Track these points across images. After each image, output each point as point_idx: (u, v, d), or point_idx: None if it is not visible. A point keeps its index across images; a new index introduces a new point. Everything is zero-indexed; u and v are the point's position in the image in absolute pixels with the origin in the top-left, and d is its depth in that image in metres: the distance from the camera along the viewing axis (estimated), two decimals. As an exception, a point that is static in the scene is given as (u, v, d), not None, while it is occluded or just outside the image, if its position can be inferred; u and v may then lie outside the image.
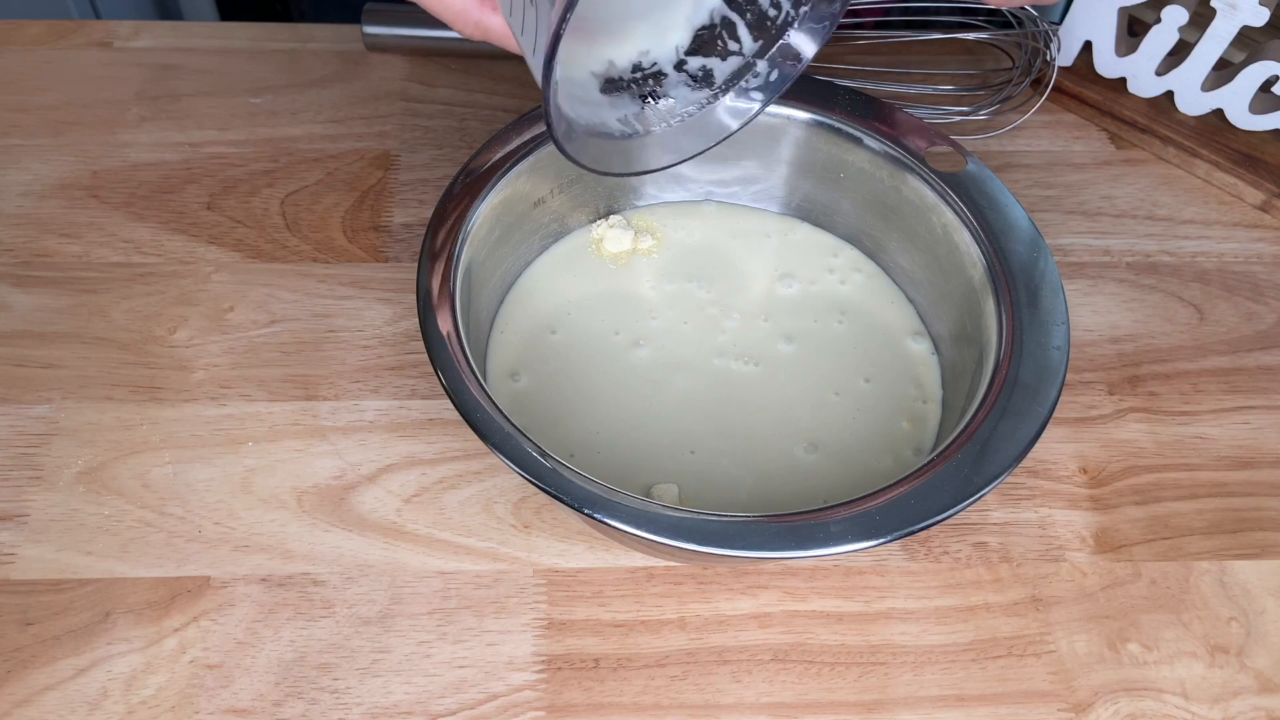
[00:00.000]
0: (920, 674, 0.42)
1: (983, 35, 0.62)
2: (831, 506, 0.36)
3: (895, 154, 0.47)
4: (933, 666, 0.42)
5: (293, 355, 0.50)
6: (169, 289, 0.52)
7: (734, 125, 0.39)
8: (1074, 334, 0.53)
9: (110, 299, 0.52)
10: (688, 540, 0.35)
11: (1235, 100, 0.58)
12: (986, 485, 0.37)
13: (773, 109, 0.48)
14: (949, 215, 0.46)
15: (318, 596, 0.43)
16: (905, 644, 0.43)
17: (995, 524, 0.46)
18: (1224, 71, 0.58)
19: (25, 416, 0.47)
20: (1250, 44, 0.58)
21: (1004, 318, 0.42)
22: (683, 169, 0.52)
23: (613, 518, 0.35)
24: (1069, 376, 0.51)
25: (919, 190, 0.47)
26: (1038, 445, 0.48)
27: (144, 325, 0.51)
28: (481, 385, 0.39)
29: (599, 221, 0.52)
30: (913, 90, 0.62)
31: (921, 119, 0.48)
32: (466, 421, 0.37)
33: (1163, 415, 0.50)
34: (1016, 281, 0.43)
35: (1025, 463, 0.47)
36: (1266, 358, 0.53)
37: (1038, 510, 0.47)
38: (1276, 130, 0.59)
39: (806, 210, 0.53)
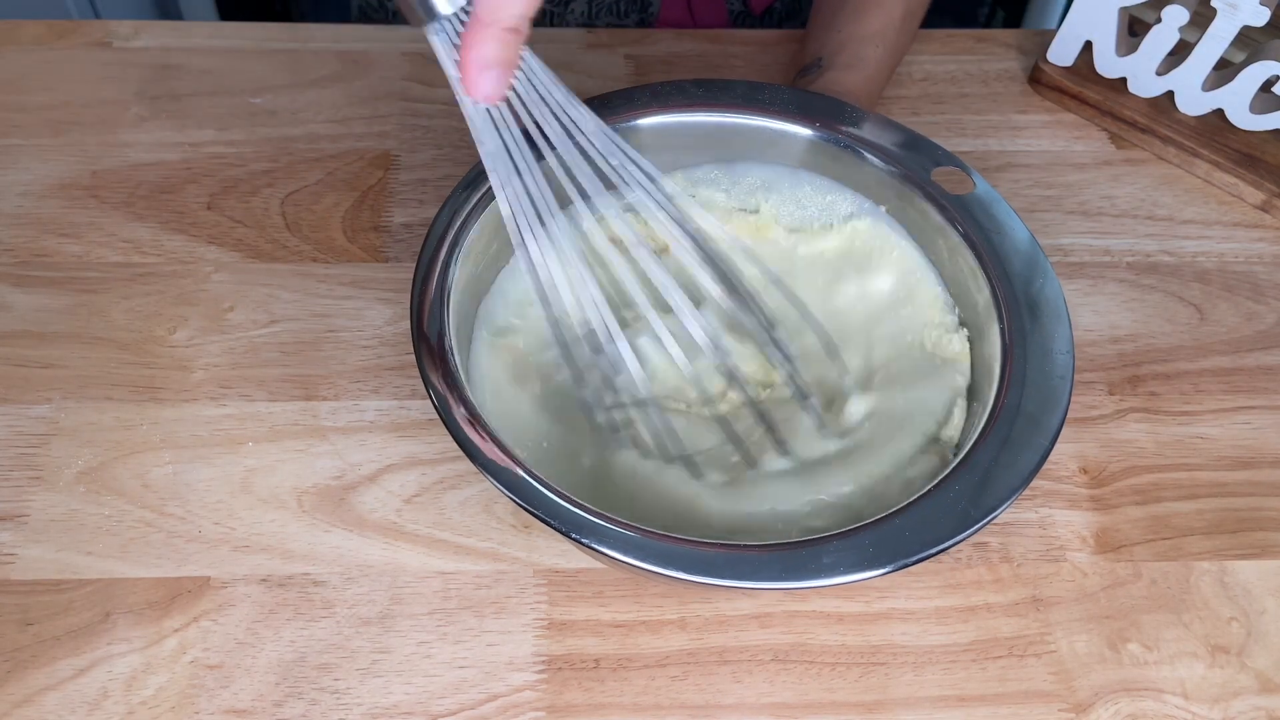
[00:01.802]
0: (920, 674, 0.42)
1: None
2: (825, 537, 0.36)
3: (903, 174, 0.47)
4: (933, 666, 0.42)
5: (293, 355, 0.50)
6: (169, 289, 0.52)
7: None
8: (1074, 334, 0.53)
9: (110, 299, 0.52)
10: (678, 569, 0.35)
11: (1236, 100, 0.58)
12: (985, 517, 0.36)
13: (780, 125, 0.48)
14: (954, 237, 0.45)
15: (318, 597, 0.43)
16: (905, 644, 0.43)
17: (995, 524, 0.46)
18: (1224, 71, 0.58)
19: (25, 416, 0.47)
20: (1250, 44, 0.58)
21: (1008, 344, 0.41)
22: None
23: (602, 544, 0.35)
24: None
25: (926, 211, 0.47)
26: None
27: (144, 325, 0.51)
28: (475, 411, 0.38)
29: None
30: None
31: (929, 138, 0.48)
32: (461, 448, 0.37)
33: (1163, 415, 0.50)
34: (1020, 307, 0.42)
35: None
36: (1267, 358, 0.53)
37: (1038, 510, 0.47)
38: (1277, 130, 0.58)
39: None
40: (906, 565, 0.35)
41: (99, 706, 0.40)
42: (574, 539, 0.35)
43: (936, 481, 0.38)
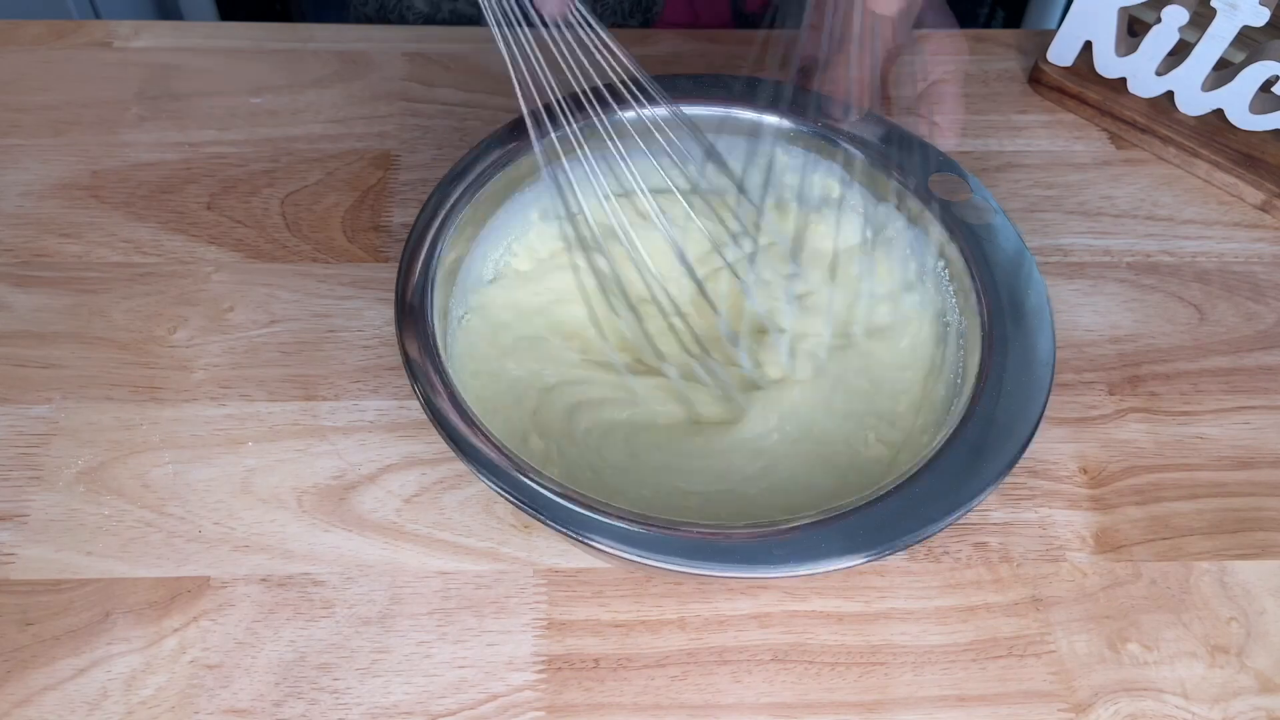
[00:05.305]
0: (920, 674, 0.42)
1: None
2: (781, 529, 0.36)
3: (898, 178, 0.47)
4: (933, 667, 0.42)
5: (293, 355, 0.50)
6: (169, 289, 0.52)
7: None
8: (1074, 334, 0.53)
9: (110, 299, 0.52)
10: (648, 553, 0.35)
11: (1235, 100, 0.58)
12: (942, 518, 0.36)
13: (771, 120, 0.49)
14: (949, 246, 0.45)
15: (318, 596, 0.43)
16: (905, 644, 0.43)
17: (995, 524, 0.46)
18: (1224, 71, 0.58)
19: (25, 416, 0.47)
20: (1250, 44, 0.58)
21: (987, 351, 0.41)
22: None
23: (558, 522, 0.36)
24: (1070, 376, 0.51)
25: (918, 213, 0.46)
26: (1039, 445, 0.48)
27: (144, 325, 0.51)
28: (463, 405, 0.39)
29: None
30: None
31: (929, 143, 0.48)
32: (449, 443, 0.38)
33: (1163, 415, 0.50)
34: (1004, 314, 0.42)
35: (1026, 462, 0.47)
36: (1266, 358, 0.53)
37: (1038, 510, 0.47)
38: (1277, 130, 0.58)
39: None
40: (852, 565, 0.36)
41: (99, 706, 0.40)
42: (531, 512, 0.36)
43: (898, 483, 0.38)
